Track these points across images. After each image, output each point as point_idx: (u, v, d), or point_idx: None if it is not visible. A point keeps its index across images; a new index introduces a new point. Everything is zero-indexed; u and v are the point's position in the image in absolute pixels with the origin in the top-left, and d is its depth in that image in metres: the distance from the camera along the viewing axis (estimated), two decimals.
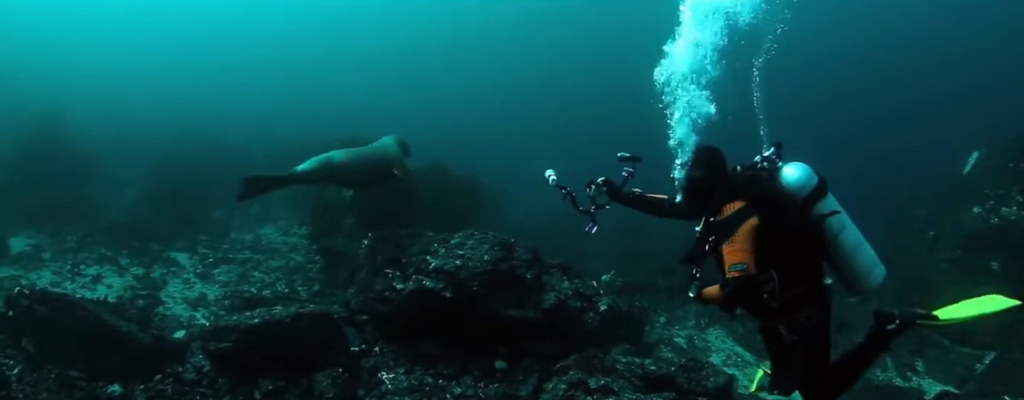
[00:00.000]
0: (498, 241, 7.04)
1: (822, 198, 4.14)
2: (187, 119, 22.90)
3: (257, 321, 6.51)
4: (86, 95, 24.11)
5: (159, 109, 25.33)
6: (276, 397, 6.28)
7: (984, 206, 13.14)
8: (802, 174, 4.13)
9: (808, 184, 4.10)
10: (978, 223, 12.87)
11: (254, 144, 20.77)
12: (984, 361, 10.96)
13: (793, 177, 4.11)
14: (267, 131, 23.15)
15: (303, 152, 14.48)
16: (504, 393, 6.40)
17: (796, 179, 4.11)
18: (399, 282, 6.84)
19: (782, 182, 4.13)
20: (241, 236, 14.82)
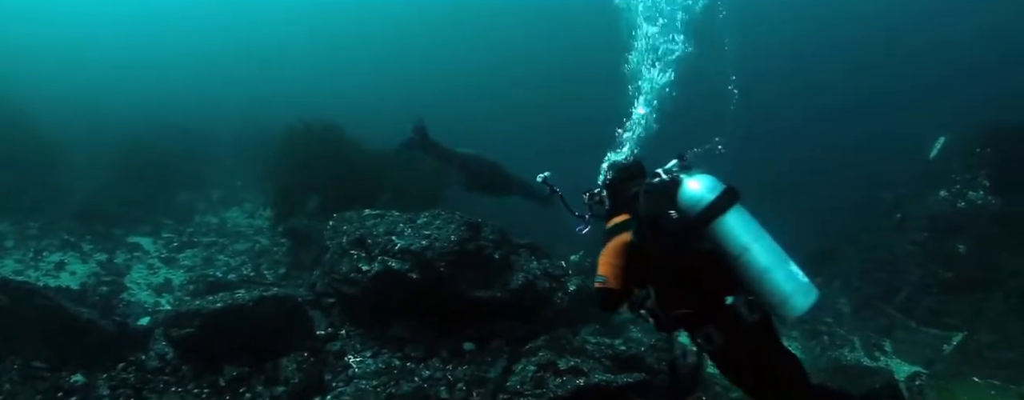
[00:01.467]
0: (465, 221, 6.93)
1: (720, 215, 3.93)
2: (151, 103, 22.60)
3: (220, 305, 6.36)
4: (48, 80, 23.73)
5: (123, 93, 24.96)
6: (241, 383, 6.14)
7: (950, 190, 13.28)
8: (700, 189, 3.99)
9: (703, 200, 3.96)
10: (944, 207, 13.00)
11: (219, 128, 20.52)
12: (952, 342, 11.08)
13: (689, 192, 4.00)
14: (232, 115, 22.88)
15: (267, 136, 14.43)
16: (473, 375, 6.30)
17: (692, 194, 3.99)
18: (364, 263, 6.71)
19: (680, 196, 4.02)
20: (206, 219, 14.62)
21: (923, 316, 11.65)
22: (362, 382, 6.16)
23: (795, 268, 3.87)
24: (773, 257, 3.87)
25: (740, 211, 4.00)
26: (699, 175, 4.09)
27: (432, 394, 6.11)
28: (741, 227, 3.94)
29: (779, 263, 3.86)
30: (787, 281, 3.81)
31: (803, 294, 3.81)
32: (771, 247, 3.92)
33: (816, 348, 11.70)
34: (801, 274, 3.85)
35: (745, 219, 3.99)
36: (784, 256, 3.90)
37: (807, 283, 3.85)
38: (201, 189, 16.11)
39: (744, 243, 3.89)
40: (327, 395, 6.02)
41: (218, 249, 12.78)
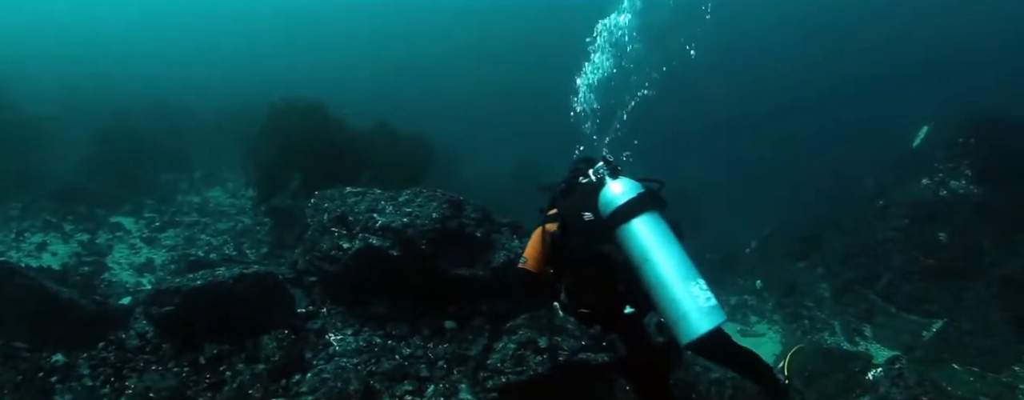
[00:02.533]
0: (446, 199, 6.88)
1: (626, 220, 3.89)
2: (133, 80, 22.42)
3: (199, 283, 6.31)
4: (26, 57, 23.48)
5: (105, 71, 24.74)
6: (221, 361, 6.11)
7: (933, 179, 13.37)
8: (616, 192, 3.98)
9: (613, 203, 3.95)
10: (927, 194, 13.10)
11: (201, 106, 20.39)
12: (931, 329, 11.17)
13: (606, 194, 4.01)
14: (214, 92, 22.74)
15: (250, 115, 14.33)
16: (454, 353, 6.29)
17: (608, 197, 3.99)
18: (346, 241, 6.66)
19: (599, 198, 4.03)
20: (188, 199, 14.53)
21: (903, 302, 11.74)
22: (343, 360, 6.13)
23: (700, 288, 3.67)
24: (676, 272, 3.73)
25: (653, 219, 3.91)
26: (623, 179, 4.09)
27: (413, 372, 6.09)
28: (647, 235, 3.84)
29: (681, 279, 3.70)
30: (685, 300, 3.66)
31: (700, 317, 3.61)
32: (677, 261, 3.76)
33: (796, 331, 11.77)
34: (705, 296, 3.66)
35: (656, 228, 3.87)
36: (691, 273, 3.74)
37: (709, 307, 3.64)
38: (183, 168, 16.01)
39: (646, 252, 3.80)
40: (308, 373, 5.96)
41: (200, 229, 12.72)
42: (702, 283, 3.70)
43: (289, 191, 11.31)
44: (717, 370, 6.81)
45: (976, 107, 15.33)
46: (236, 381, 5.86)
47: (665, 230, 3.88)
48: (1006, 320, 10.23)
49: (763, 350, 11.24)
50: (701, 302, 3.63)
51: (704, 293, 3.66)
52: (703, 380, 6.42)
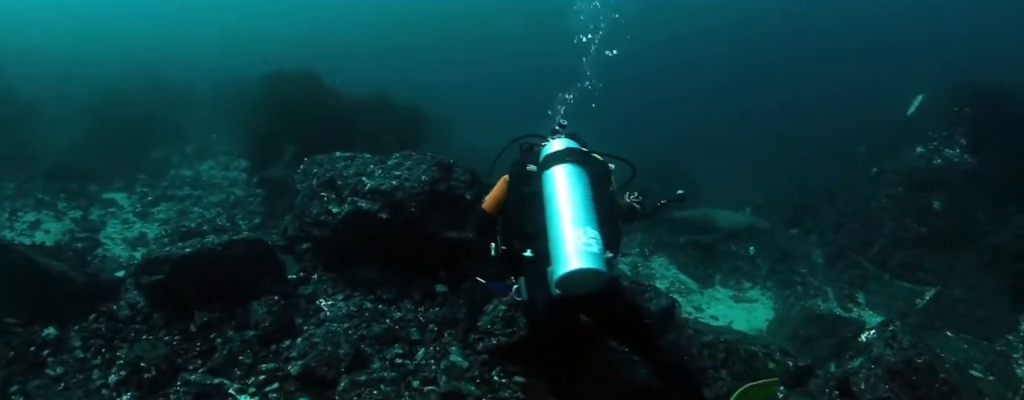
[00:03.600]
0: (436, 161, 6.83)
1: (549, 166, 4.28)
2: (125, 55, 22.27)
3: (189, 250, 6.27)
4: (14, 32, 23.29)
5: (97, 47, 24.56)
6: (212, 329, 6.09)
7: (928, 147, 13.36)
8: (553, 147, 4.45)
9: (545, 152, 4.44)
10: (921, 162, 13.09)
11: (192, 78, 20.29)
12: (924, 296, 11.20)
13: (546, 148, 4.50)
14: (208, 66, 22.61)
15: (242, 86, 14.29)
16: (445, 316, 6.28)
17: (545, 150, 4.47)
18: (335, 205, 6.63)
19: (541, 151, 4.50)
20: (180, 173, 14.51)
21: (896, 269, 11.78)
22: (333, 325, 6.11)
23: (586, 234, 3.84)
24: (570, 215, 3.96)
25: (572, 170, 4.22)
26: (564, 140, 4.55)
27: (403, 335, 6.08)
28: (560, 181, 4.16)
29: (572, 222, 3.91)
30: (568, 240, 3.85)
31: (575, 256, 3.77)
32: (576, 207, 4.00)
33: (789, 297, 11.79)
34: (587, 241, 3.81)
35: (571, 177, 4.17)
36: (584, 220, 3.93)
37: (588, 251, 3.78)
38: (175, 142, 15.96)
39: (552, 194, 4.12)
40: (298, 338, 5.95)
41: (193, 202, 12.72)
42: (592, 232, 3.89)
43: (282, 162, 11.28)
44: (709, 333, 6.82)
45: (971, 76, 15.27)
46: (226, 348, 5.85)
47: (579, 182, 4.17)
48: (998, 289, 10.26)
49: (755, 316, 11.32)
50: (581, 245, 3.80)
51: (589, 239, 3.84)
52: (695, 343, 6.41)
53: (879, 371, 5.03)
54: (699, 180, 17.96)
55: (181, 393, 5.33)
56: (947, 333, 10.03)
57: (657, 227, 14.11)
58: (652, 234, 14.00)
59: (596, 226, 3.94)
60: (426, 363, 5.71)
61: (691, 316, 10.73)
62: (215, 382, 5.53)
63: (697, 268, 12.96)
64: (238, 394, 5.43)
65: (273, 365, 5.68)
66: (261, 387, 5.47)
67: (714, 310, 11.54)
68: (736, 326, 10.27)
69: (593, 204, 4.08)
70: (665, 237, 13.94)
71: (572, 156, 4.29)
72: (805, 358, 6.80)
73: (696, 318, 10.57)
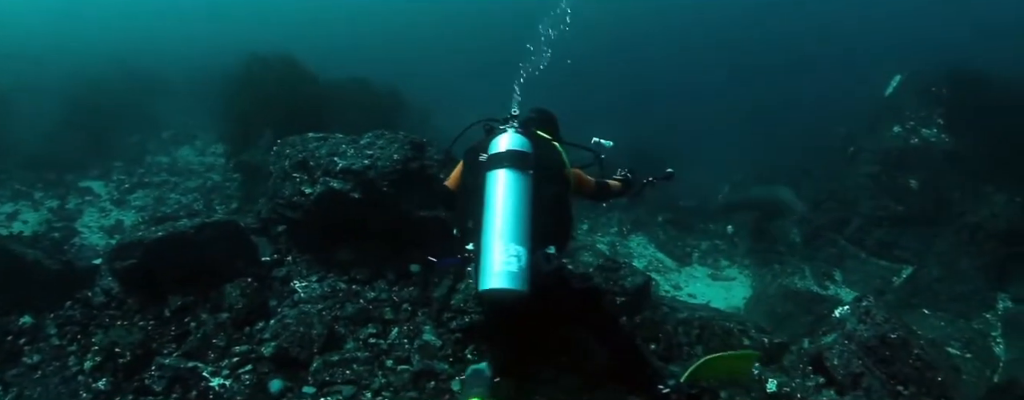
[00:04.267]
0: (409, 140, 6.78)
1: (490, 169, 4.24)
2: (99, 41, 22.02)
3: (161, 234, 6.20)
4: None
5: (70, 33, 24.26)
6: (186, 312, 6.04)
7: (905, 126, 13.44)
8: (500, 144, 4.36)
9: (491, 149, 4.36)
10: (898, 142, 13.18)
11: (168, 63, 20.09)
12: (901, 275, 11.29)
13: (494, 142, 4.42)
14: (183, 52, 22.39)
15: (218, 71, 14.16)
16: (418, 295, 6.26)
17: (493, 144, 4.40)
18: (307, 186, 6.57)
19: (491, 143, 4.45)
20: (157, 159, 14.41)
21: (873, 248, 11.87)
22: (307, 306, 6.09)
23: (511, 253, 3.88)
24: (502, 228, 3.98)
25: (513, 177, 4.18)
26: (515, 134, 4.44)
27: (377, 315, 6.06)
28: (499, 188, 4.14)
29: (501, 236, 3.95)
30: (493, 255, 3.91)
31: (494, 275, 3.85)
32: (510, 220, 4.01)
33: (767, 275, 11.86)
34: (510, 261, 3.86)
35: (510, 185, 4.14)
36: (514, 236, 3.95)
37: (507, 271, 3.84)
38: (151, 128, 15.83)
39: (491, 200, 4.11)
40: (271, 319, 5.93)
41: (169, 188, 12.66)
42: (520, 250, 3.93)
43: (259, 146, 11.21)
44: (684, 310, 6.84)
45: (949, 57, 15.38)
46: (200, 331, 5.82)
47: (515, 190, 4.14)
48: (975, 267, 10.39)
49: (733, 294, 11.38)
50: (502, 263, 3.87)
51: (510, 258, 3.88)
52: (670, 320, 6.42)
53: (852, 347, 5.05)
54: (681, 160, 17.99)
55: (156, 377, 5.31)
56: (924, 311, 10.13)
57: (636, 206, 14.15)
58: (630, 213, 14.03)
59: (523, 241, 3.97)
60: (399, 342, 5.71)
61: (669, 294, 10.78)
62: (189, 366, 5.50)
63: (675, 246, 13.03)
64: (212, 377, 5.41)
65: (246, 347, 5.66)
66: (235, 369, 5.46)
67: (692, 288, 11.61)
68: (714, 304, 10.32)
69: (526, 215, 4.09)
70: (643, 216, 13.98)
71: (511, 160, 4.24)
72: (781, 335, 6.84)
73: (673, 296, 10.62)
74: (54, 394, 5.27)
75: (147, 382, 5.28)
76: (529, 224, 4.08)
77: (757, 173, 16.43)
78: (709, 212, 15.01)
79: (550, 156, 4.60)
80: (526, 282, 3.92)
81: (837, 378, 4.85)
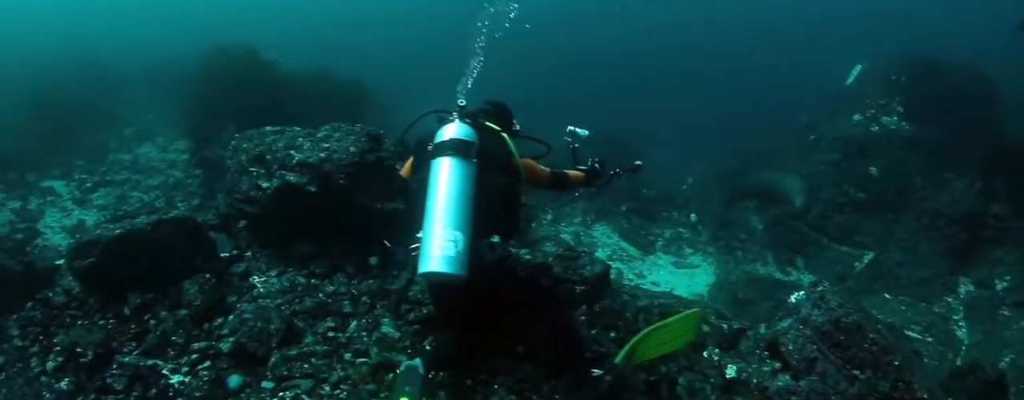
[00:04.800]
0: (365, 132, 6.78)
1: (433, 157, 4.29)
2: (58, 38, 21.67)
3: (118, 231, 6.17)
4: None
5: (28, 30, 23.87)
6: (145, 310, 6.04)
7: (865, 114, 13.62)
8: (446, 133, 4.39)
9: (437, 138, 4.40)
10: (858, 129, 13.35)
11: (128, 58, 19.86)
12: (863, 260, 11.42)
13: (440, 131, 4.45)
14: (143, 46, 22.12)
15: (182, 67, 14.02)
16: (378, 288, 6.25)
17: (439, 133, 4.44)
18: (264, 180, 6.53)
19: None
20: (119, 157, 14.27)
21: (835, 234, 12.00)
22: (265, 301, 6.07)
23: (450, 238, 3.96)
24: (442, 213, 4.05)
25: (457, 164, 4.22)
26: (462, 125, 4.45)
27: (335, 308, 6.06)
28: (442, 174, 4.18)
29: (441, 222, 4.02)
30: (433, 239, 3.98)
31: (434, 259, 3.93)
32: (451, 206, 4.07)
33: (730, 262, 11.96)
34: (449, 246, 3.93)
35: (454, 172, 4.18)
36: (455, 222, 4.02)
37: (445, 257, 3.92)
38: (113, 125, 15.65)
39: (434, 187, 4.16)
40: (230, 315, 5.91)
41: (131, 186, 12.57)
42: (457, 235, 3.99)
43: (221, 141, 11.14)
44: (644, 298, 6.88)
45: (909, 45, 15.59)
46: (159, 329, 5.82)
47: (458, 178, 4.18)
48: (936, 252, 10.52)
49: (697, 281, 11.48)
50: (440, 247, 3.94)
51: (448, 243, 3.96)
52: (630, 308, 6.46)
53: (807, 331, 5.06)
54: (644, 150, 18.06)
55: (117, 376, 5.32)
56: (885, 295, 10.25)
57: (600, 196, 14.23)
58: (594, 203, 14.10)
59: (462, 227, 4.03)
60: (358, 335, 5.70)
61: (632, 282, 10.84)
62: (149, 364, 5.50)
63: (639, 235, 13.11)
64: (172, 374, 5.42)
65: (205, 344, 5.67)
66: (194, 366, 5.47)
67: (655, 276, 11.68)
68: (678, 292, 10.39)
69: (466, 203, 4.14)
70: (607, 205, 14.05)
71: (454, 149, 4.27)
72: (743, 321, 6.90)
73: (637, 284, 10.68)
74: (18, 395, 5.27)
75: (108, 381, 5.28)
76: (470, 211, 4.12)
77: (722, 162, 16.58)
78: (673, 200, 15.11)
79: (496, 146, 4.62)
80: (463, 267, 3.97)
81: (792, 363, 4.89)
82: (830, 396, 4.63)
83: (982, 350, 8.61)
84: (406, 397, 4.22)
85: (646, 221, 13.77)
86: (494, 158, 4.51)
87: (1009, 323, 8.99)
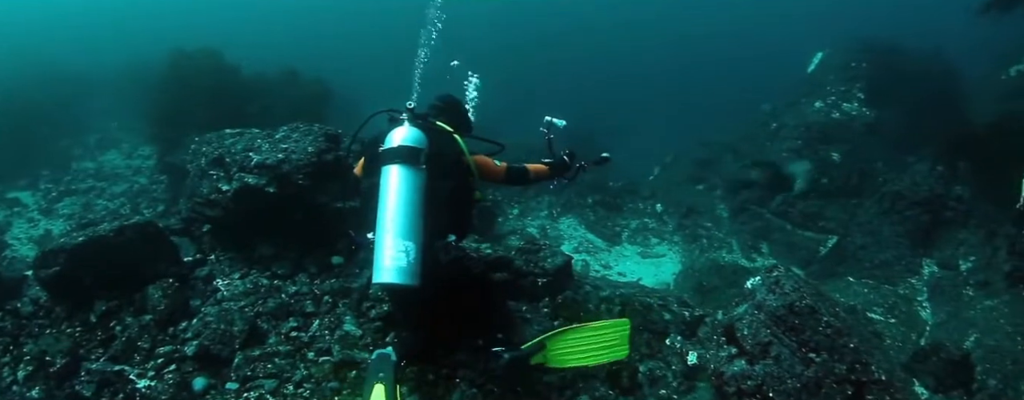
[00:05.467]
0: (323, 132, 6.83)
1: (382, 163, 4.30)
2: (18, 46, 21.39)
3: (82, 239, 6.19)
4: None
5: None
6: (111, 316, 6.06)
7: (826, 102, 13.80)
8: (395, 137, 4.36)
9: (386, 143, 4.38)
10: (820, 116, 13.52)
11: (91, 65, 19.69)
12: (827, 245, 11.57)
13: (390, 135, 4.41)
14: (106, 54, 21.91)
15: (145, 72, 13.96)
16: (340, 287, 6.31)
17: (388, 138, 4.40)
18: (224, 183, 6.56)
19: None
20: (83, 165, 14.18)
21: (798, 219, 12.14)
22: (229, 303, 6.11)
23: (402, 249, 4.01)
24: (394, 223, 4.08)
25: (405, 172, 4.22)
26: (408, 126, 4.46)
27: (298, 309, 6.10)
28: (392, 183, 4.19)
29: (393, 232, 4.05)
30: (385, 249, 4.04)
31: (385, 270, 4.01)
32: (402, 216, 4.10)
33: (695, 251, 12.07)
34: (401, 257, 3.99)
35: (402, 181, 4.19)
36: (405, 232, 4.06)
37: (397, 268, 3.99)
38: (77, 133, 15.54)
39: (385, 195, 4.18)
40: (194, 319, 5.95)
41: (96, 194, 12.52)
42: (409, 245, 4.05)
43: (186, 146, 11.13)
44: (607, 288, 6.98)
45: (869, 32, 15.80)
46: (125, 334, 5.84)
47: (409, 186, 4.20)
48: (899, 234, 10.65)
49: (663, 270, 11.58)
50: (391, 258, 4.01)
51: (399, 253, 4.02)
52: (593, 298, 6.56)
53: (762, 316, 5.09)
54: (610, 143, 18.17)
55: (85, 382, 5.37)
56: (849, 278, 10.38)
57: (566, 189, 14.31)
58: (561, 196, 14.18)
59: (413, 237, 4.09)
60: (321, 334, 5.77)
61: (599, 273, 10.94)
62: (116, 369, 5.54)
63: (604, 227, 13.21)
64: (138, 379, 5.46)
65: (170, 348, 5.69)
66: (160, 370, 5.50)
67: (622, 267, 11.76)
68: (644, 281, 10.47)
69: (417, 211, 4.18)
70: (574, 198, 14.13)
71: (403, 156, 4.28)
72: (706, 308, 7.01)
73: (603, 275, 10.77)
74: None
75: (77, 388, 5.33)
76: (420, 219, 4.18)
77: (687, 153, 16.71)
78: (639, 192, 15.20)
79: (447, 147, 4.64)
80: (415, 276, 4.05)
81: (746, 348, 4.95)
82: (786, 379, 4.66)
83: (946, 330, 8.69)
84: (381, 383, 4.28)
85: (612, 212, 13.87)
86: (445, 160, 4.53)
87: (973, 303, 9.05)
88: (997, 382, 6.81)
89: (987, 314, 8.56)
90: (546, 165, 5.37)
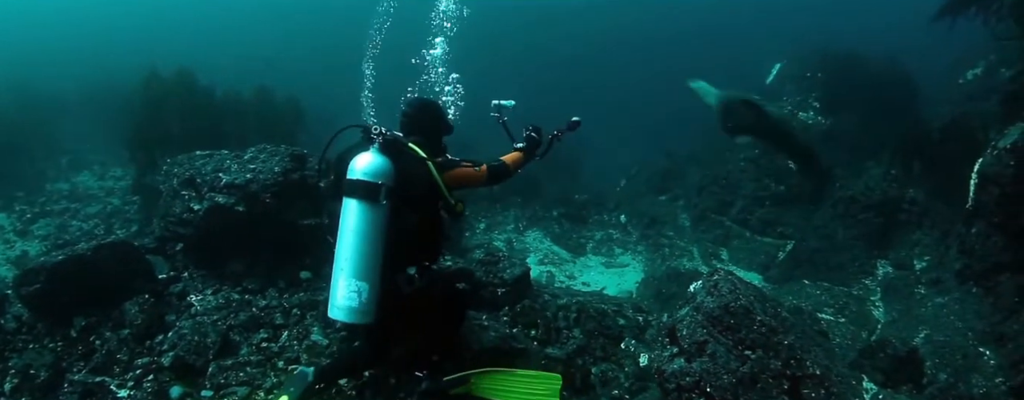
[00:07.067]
0: (289, 152, 7.15)
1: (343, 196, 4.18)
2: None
3: (61, 258, 6.45)
4: None
5: None
6: (90, 331, 6.32)
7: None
8: (358, 165, 4.13)
9: (349, 172, 4.16)
10: None
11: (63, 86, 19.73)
12: (785, 250, 11.89)
13: (355, 160, 4.18)
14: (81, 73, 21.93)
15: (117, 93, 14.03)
16: (308, 301, 6.61)
17: (352, 163, 4.17)
18: (195, 203, 6.86)
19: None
20: (57, 186, 14.27)
21: (757, 226, 12.48)
22: (202, 317, 6.39)
23: (354, 288, 4.03)
24: (349, 262, 4.07)
25: (364, 209, 4.09)
26: (377, 155, 4.19)
27: (268, 321, 6.40)
28: (351, 218, 4.10)
29: (346, 271, 4.07)
30: (339, 287, 4.09)
31: (338, 309, 4.10)
32: (356, 255, 4.07)
33: (657, 259, 12.37)
34: (353, 297, 4.03)
35: (362, 219, 4.08)
36: (360, 272, 4.06)
37: (348, 308, 4.05)
38: (50, 154, 15.64)
39: (344, 229, 4.13)
40: (169, 332, 6.22)
41: (71, 215, 12.64)
42: (362, 285, 4.05)
43: (159, 167, 11.31)
44: (564, 296, 7.31)
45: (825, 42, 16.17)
46: (104, 348, 6.10)
47: (367, 224, 4.09)
48: (853, 237, 10.91)
49: (626, 280, 11.88)
50: (343, 297, 4.06)
51: (351, 293, 4.05)
52: (551, 306, 6.88)
53: (699, 317, 5.30)
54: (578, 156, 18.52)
55: (68, 394, 5.64)
56: (804, 281, 10.64)
57: (531, 202, 14.62)
58: (526, 210, 14.45)
59: (367, 276, 4.08)
60: (290, 344, 6.07)
61: (563, 284, 11.22)
62: (97, 380, 5.80)
63: (570, 239, 13.50)
64: (118, 389, 5.72)
65: (148, 359, 5.97)
66: (139, 380, 5.77)
67: (586, 277, 11.99)
68: (608, 291, 10.76)
69: (373, 250, 4.11)
70: (539, 211, 14.43)
71: (363, 192, 4.09)
72: (662, 314, 7.27)
73: (568, 286, 11.05)
74: None
75: (61, 399, 5.61)
76: (377, 257, 4.12)
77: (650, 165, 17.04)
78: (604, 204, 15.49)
79: (418, 176, 4.33)
80: (367, 315, 4.11)
81: (685, 347, 5.20)
82: (721, 375, 4.89)
83: (897, 328, 8.82)
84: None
85: (577, 225, 14.17)
86: (413, 190, 4.31)
87: (924, 300, 9.14)
88: (948, 376, 6.89)
89: (938, 311, 8.61)
90: (519, 150, 5.27)
